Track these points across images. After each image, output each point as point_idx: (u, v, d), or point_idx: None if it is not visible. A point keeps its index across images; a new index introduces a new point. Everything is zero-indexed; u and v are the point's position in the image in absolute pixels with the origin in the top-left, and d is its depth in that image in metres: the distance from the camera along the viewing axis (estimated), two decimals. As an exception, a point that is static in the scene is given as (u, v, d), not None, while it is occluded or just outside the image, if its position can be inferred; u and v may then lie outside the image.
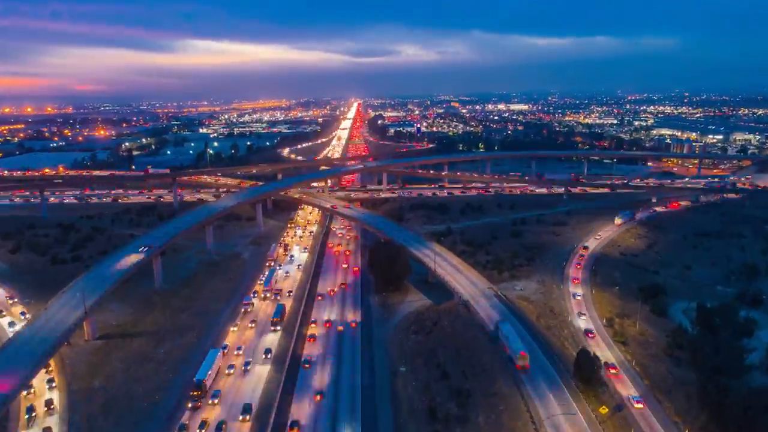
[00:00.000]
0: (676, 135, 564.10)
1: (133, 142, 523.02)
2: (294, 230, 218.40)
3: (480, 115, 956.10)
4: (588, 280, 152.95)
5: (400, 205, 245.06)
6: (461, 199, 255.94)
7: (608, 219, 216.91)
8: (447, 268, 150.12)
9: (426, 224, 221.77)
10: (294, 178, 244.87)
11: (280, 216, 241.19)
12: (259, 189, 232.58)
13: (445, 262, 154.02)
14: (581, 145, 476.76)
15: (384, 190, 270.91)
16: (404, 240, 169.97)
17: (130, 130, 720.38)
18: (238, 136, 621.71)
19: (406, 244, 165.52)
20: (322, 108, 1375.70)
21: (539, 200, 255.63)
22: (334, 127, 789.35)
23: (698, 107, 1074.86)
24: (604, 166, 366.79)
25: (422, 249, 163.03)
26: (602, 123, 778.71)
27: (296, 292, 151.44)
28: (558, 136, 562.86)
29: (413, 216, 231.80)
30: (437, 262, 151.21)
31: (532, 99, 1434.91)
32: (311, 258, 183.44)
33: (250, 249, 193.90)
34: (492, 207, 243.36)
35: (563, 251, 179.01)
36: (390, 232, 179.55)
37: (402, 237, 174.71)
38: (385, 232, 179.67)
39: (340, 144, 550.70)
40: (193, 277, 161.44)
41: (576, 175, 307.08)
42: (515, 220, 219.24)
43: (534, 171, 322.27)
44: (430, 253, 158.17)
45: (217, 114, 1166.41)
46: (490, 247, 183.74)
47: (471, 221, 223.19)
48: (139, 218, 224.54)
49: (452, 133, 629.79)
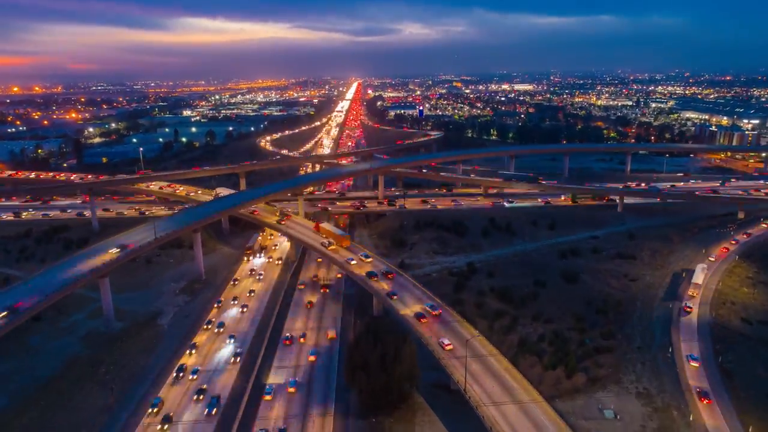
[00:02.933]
0: (705, 119, 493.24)
1: (99, 128, 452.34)
2: (254, 260, 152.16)
3: (485, 96, 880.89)
4: (721, 387, 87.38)
5: (401, 223, 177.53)
6: (482, 213, 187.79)
7: (690, 246, 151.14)
8: (486, 382, 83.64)
9: (437, 253, 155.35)
10: (257, 191, 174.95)
11: (240, 239, 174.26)
12: (193, 213, 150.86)
13: (479, 364, 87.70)
14: (607, 132, 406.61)
15: (381, 199, 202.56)
16: (404, 320, 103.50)
17: (108, 112, 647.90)
18: (223, 119, 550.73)
19: (412, 324, 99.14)
20: (320, 88, 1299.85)
21: (586, 214, 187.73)
22: (330, 108, 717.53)
23: (708, 87, 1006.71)
24: (643, 160, 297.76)
25: (442, 336, 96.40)
26: (616, 104, 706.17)
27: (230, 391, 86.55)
28: (575, 120, 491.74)
29: (419, 239, 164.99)
30: (471, 368, 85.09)
31: (534, 78, 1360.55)
32: (265, 319, 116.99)
33: (178, 303, 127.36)
34: (524, 225, 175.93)
35: (653, 314, 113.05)
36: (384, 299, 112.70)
37: (404, 295, 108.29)
38: (378, 295, 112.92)
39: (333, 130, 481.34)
40: (57, 379, 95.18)
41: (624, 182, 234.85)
42: (562, 248, 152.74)
43: (565, 169, 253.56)
44: (455, 348, 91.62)
45: (211, 94, 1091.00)
46: (536, 304, 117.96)
47: (499, 249, 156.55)
48: (37, 246, 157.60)
49: (458, 116, 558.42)
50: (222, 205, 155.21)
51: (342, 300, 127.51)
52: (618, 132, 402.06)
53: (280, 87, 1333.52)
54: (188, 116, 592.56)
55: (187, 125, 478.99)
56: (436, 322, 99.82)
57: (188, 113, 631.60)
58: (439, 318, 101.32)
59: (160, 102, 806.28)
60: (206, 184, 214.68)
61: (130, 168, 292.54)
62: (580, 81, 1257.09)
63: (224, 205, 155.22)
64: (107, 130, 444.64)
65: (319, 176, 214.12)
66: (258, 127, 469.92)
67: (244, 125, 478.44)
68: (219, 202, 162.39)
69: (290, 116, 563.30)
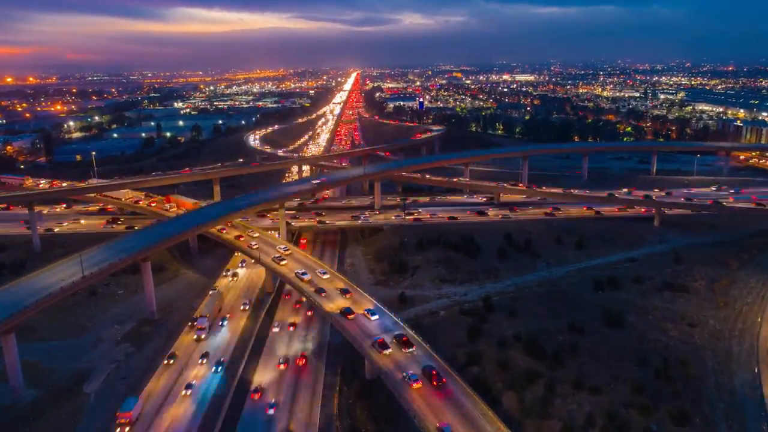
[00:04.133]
0: (720, 112, 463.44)
1: (81, 121, 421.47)
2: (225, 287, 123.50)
3: (486, 87, 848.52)
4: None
5: (401, 240, 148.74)
6: (493, 227, 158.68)
7: (753, 273, 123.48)
8: None
9: (444, 281, 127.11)
10: (228, 204, 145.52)
11: (211, 259, 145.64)
12: (141, 238, 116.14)
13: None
14: (621, 126, 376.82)
15: (376, 209, 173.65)
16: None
17: (97, 104, 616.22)
18: (214, 112, 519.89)
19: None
20: (319, 78, 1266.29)
21: (616, 229, 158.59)
22: (327, 100, 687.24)
23: (713, 78, 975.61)
24: (665, 158, 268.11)
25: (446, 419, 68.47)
26: (623, 96, 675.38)
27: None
28: (584, 112, 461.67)
29: (422, 261, 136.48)
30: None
31: (534, 69, 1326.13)
32: (228, 382, 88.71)
33: (116, 357, 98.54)
34: (547, 242, 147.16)
35: (734, 382, 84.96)
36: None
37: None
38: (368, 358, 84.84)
39: (329, 123, 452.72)
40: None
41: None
42: (596, 275, 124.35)
43: (584, 170, 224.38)
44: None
45: (207, 84, 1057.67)
46: (576, 362, 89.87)
47: (520, 276, 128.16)
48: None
49: (460, 108, 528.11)
50: (176, 227, 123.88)
51: (326, 354, 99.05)
52: (633, 126, 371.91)
53: (278, 77, 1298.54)
54: (178, 108, 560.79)
55: (175, 118, 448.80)
56: (438, 396, 72.41)
57: (179, 105, 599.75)
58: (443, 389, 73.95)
59: (152, 93, 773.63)
60: (186, 189, 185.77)
61: (107, 167, 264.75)
62: (582, 71, 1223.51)
63: (178, 227, 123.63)
64: (88, 124, 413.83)
65: (302, 187, 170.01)
66: (250, 120, 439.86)
67: (234, 118, 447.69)
68: (173, 223, 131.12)
69: (284, 108, 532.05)
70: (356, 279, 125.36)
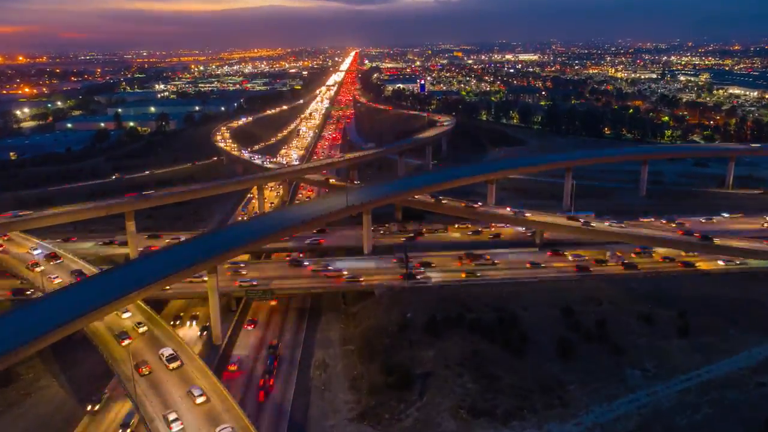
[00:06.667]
0: (757, 96, 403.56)
1: (38, 108, 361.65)
2: None
3: (490, 67, 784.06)
4: None
5: (403, 317, 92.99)
6: (540, 293, 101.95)
7: None
8: None
9: (476, 414, 71.86)
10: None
11: (93, 356, 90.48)
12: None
13: None
14: (655, 115, 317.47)
15: (367, 251, 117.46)
16: None
17: (73, 86, 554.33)
18: (195, 95, 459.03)
19: None
20: (316, 58, 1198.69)
21: (733, 292, 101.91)
22: (321, 81, 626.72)
23: (725, 57, 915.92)
24: (724, 161, 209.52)
25: None
26: (639, 77, 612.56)
27: None
28: (607, 97, 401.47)
29: (436, 362, 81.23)
30: None
31: (535, 48, 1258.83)
32: None
33: None
34: (630, 322, 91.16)
35: None
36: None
37: None
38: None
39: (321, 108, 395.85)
40: None
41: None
42: (733, 401, 69.43)
43: (642, 184, 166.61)
44: None
45: (199, 64, 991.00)
46: None
47: (604, 402, 73.21)
48: None
49: (466, 92, 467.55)
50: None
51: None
52: (669, 115, 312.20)
53: (274, 57, 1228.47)
54: (156, 92, 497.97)
55: (149, 103, 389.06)
56: None
57: (159, 88, 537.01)
58: None
59: (137, 74, 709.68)
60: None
61: (39, 170, 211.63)
62: (585, 51, 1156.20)
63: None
64: (44, 111, 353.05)
65: (256, 235, 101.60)
66: (231, 106, 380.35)
67: (214, 103, 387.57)
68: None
69: (272, 92, 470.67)
70: (326, 404, 71.34)
